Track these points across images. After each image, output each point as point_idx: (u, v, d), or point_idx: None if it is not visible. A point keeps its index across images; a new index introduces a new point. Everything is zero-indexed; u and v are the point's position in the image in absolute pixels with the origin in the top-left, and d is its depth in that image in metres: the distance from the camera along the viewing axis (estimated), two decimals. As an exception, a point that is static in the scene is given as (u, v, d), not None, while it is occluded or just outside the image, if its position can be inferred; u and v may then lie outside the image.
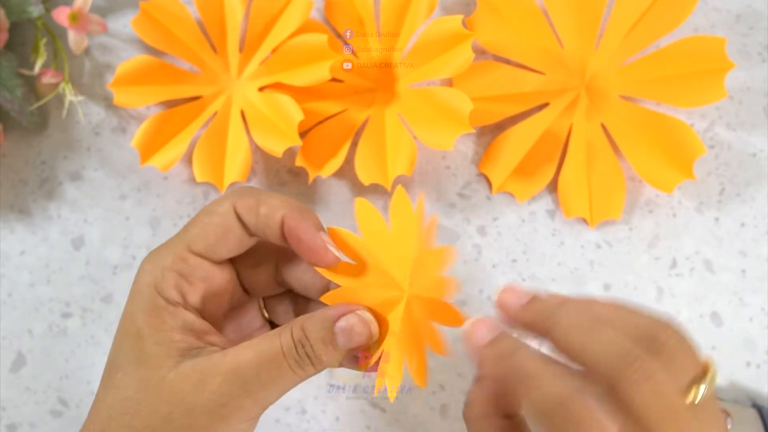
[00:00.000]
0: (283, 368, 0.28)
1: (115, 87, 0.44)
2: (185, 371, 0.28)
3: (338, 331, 0.28)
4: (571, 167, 0.44)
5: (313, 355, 0.28)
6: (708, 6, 0.45)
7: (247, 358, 0.28)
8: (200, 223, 0.30)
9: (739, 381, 0.43)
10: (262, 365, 0.28)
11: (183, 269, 0.29)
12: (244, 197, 0.30)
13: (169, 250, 0.30)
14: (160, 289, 0.29)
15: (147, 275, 0.29)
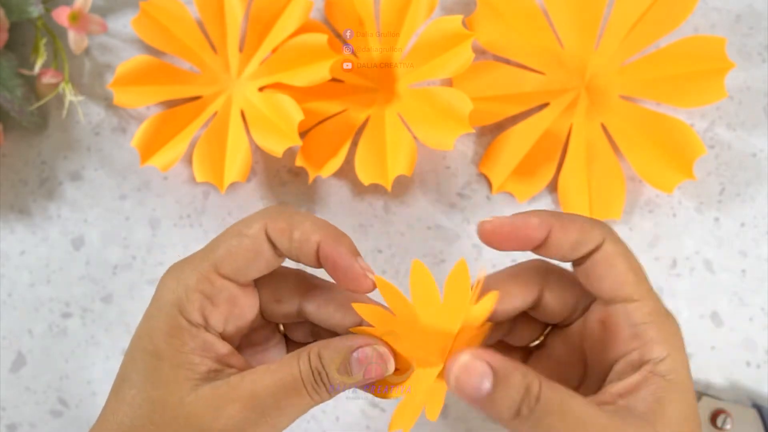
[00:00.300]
0: (302, 394, 0.28)
1: (115, 87, 0.44)
2: (203, 395, 0.27)
3: (354, 362, 0.28)
4: (571, 167, 0.44)
5: (328, 383, 0.28)
6: (708, 6, 0.45)
7: (265, 384, 0.27)
8: (229, 244, 0.29)
9: (739, 381, 0.43)
10: (280, 391, 0.27)
11: (208, 290, 0.29)
12: (277, 219, 0.29)
13: (194, 269, 0.29)
14: (183, 310, 0.28)
15: (170, 293, 0.29)
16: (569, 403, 0.26)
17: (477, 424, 0.43)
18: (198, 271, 0.29)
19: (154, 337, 0.28)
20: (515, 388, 0.26)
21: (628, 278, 0.28)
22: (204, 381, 0.28)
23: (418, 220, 0.45)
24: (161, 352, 0.28)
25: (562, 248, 0.28)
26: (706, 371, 0.43)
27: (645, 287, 0.28)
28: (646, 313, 0.28)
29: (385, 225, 0.45)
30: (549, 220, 0.28)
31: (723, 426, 0.40)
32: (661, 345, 0.27)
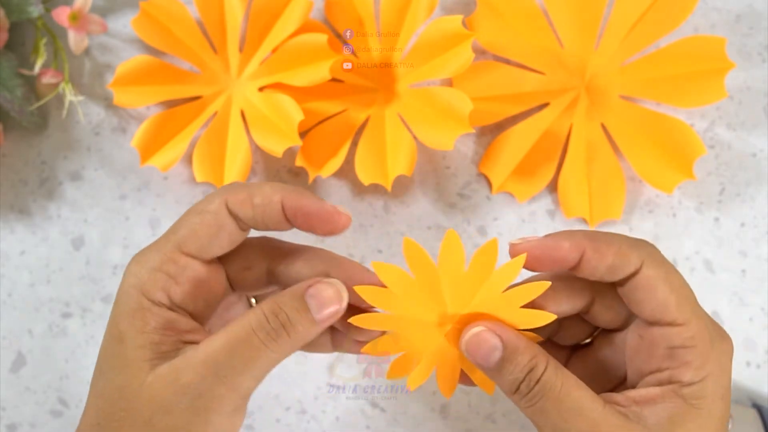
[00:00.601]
0: (255, 345, 0.27)
1: (115, 87, 0.44)
2: (162, 372, 0.27)
3: (308, 297, 0.28)
4: (571, 167, 0.44)
5: (288, 323, 0.28)
6: (708, 6, 0.45)
7: (217, 345, 0.27)
8: (190, 222, 0.29)
9: (739, 381, 0.43)
10: (233, 349, 0.27)
11: (171, 270, 0.29)
12: (236, 192, 0.29)
13: (157, 251, 0.29)
14: (145, 291, 0.28)
15: (132, 277, 0.29)
16: (571, 392, 0.27)
17: (477, 424, 0.43)
18: (161, 253, 0.29)
19: (119, 322, 0.28)
20: (520, 366, 0.27)
21: (669, 303, 0.27)
22: (163, 359, 0.27)
23: (418, 220, 0.45)
24: (124, 334, 0.28)
25: (597, 271, 0.28)
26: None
27: (689, 309, 0.28)
28: (687, 338, 0.27)
29: (385, 225, 0.45)
30: (582, 242, 0.28)
31: (723, 426, 0.40)
32: (695, 371, 0.27)
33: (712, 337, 0.28)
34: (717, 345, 0.28)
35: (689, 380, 0.27)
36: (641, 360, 0.29)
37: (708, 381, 0.27)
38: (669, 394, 0.27)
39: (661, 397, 0.27)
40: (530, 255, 0.29)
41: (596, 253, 0.28)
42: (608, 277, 0.28)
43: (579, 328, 0.32)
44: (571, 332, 0.32)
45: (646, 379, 0.29)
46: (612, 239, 0.28)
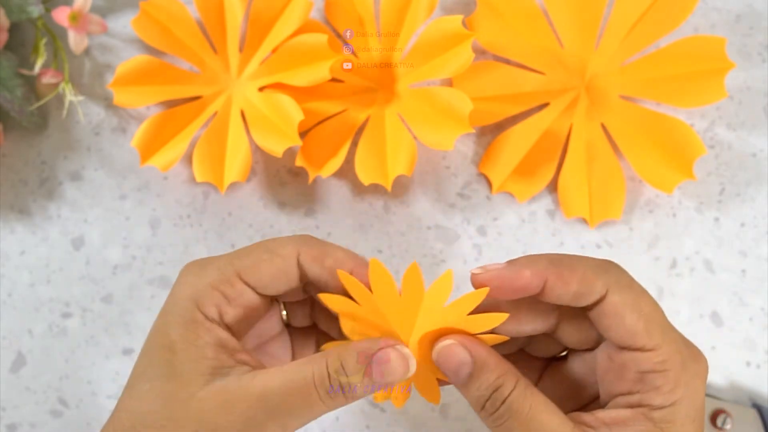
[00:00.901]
0: (312, 399, 0.28)
1: (115, 87, 0.44)
2: (214, 391, 0.27)
3: (375, 364, 0.28)
4: (571, 167, 0.44)
5: (348, 387, 0.28)
6: (708, 6, 0.45)
7: (275, 385, 0.27)
8: (258, 257, 0.30)
9: (739, 381, 0.43)
10: (290, 394, 0.27)
11: (227, 291, 0.29)
12: (311, 247, 0.30)
13: (215, 268, 0.29)
14: (199, 304, 0.29)
15: (188, 288, 0.29)
16: (538, 416, 0.27)
17: (477, 424, 0.43)
18: (221, 272, 0.29)
19: (170, 330, 0.28)
20: (486, 383, 0.28)
21: (637, 329, 0.27)
22: (216, 376, 0.28)
23: (418, 220, 0.45)
24: (175, 345, 0.28)
25: (562, 298, 0.28)
26: (706, 371, 0.43)
27: (658, 334, 0.27)
28: (657, 363, 0.27)
29: (385, 225, 0.45)
30: (544, 270, 0.28)
31: (723, 426, 0.40)
32: (665, 395, 0.27)
33: (684, 359, 0.27)
34: (689, 367, 0.27)
35: (659, 404, 0.27)
36: (611, 381, 0.29)
37: (679, 405, 0.27)
38: (639, 417, 0.27)
39: (632, 420, 0.27)
40: (490, 285, 0.28)
41: (559, 281, 0.28)
42: (574, 303, 0.28)
43: (551, 343, 0.32)
44: (544, 346, 0.32)
45: (617, 401, 0.28)
46: (576, 265, 0.28)
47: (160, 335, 0.29)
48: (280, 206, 0.45)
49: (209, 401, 0.27)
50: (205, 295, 0.29)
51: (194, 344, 0.28)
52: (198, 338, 0.28)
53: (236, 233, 0.45)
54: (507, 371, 0.28)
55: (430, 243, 0.45)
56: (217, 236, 0.45)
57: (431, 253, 0.44)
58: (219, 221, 0.45)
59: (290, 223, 0.45)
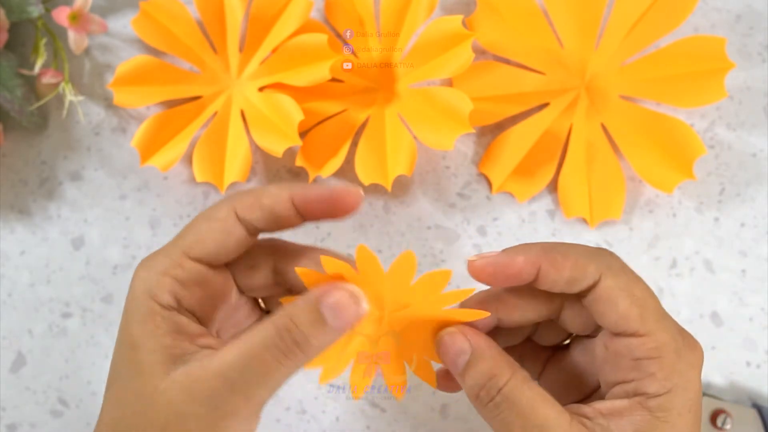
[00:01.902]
0: (268, 362, 0.27)
1: (115, 87, 0.44)
2: (177, 378, 0.27)
3: (325, 309, 0.27)
4: (571, 167, 0.44)
5: (303, 340, 0.27)
6: (708, 6, 0.45)
7: (231, 358, 0.27)
8: (198, 229, 0.29)
9: (739, 381, 0.43)
10: (246, 364, 0.27)
11: (179, 274, 0.29)
12: (243, 198, 0.30)
13: (165, 256, 0.29)
14: (153, 295, 0.28)
15: (141, 282, 0.29)
16: (536, 407, 0.27)
17: (477, 424, 0.43)
18: (169, 257, 0.29)
19: (131, 327, 0.28)
20: (480, 372, 0.27)
21: (630, 314, 0.27)
22: (177, 364, 0.27)
23: (418, 220, 0.45)
24: (136, 340, 0.28)
25: (557, 284, 0.28)
26: (706, 371, 0.43)
27: (652, 320, 0.27)
28: (651, 348, 0.27)
29: (385, 225, 0.45)
30: (537, 257, 0.28)
31: (723, 426, 0.40)
32: (660, 382, 0.27)
33: (679, 347, 0.27)
34: (684, 356, 0.27)
35: (654, 392, 0.27)
36: (608, 370, 0.29)
37: (674, 393, 0.27)
38: (636, 407, 0.27)
39: (628, 410, 0.27)
40: (485, 272, 0.28)
41: (552, 267, 0.28)
42: (568, 289, 0.28)
43: (556, 330, 0.32)
44: (549, 333, 0.32)
45: (614, 390, 0.28)
46: (568, 251, 0.28)
47: (123, 334, 0.29)
48: (280, 206, 0.45)
49: (172, 390, 0.27)
50: (157, 285, 0.29)
51: (153, 335, 0.28)
52: (157, 328, 0.28)
53: (236, 233, 0.45)
54: (504, 362, 0.28)
55: (430, 243, 0.45)
56: (217, 236, 0.45)
57: (431, 253, 0.44)
58: (219, 221, 0.45)
59: (290, 223, 0.45)
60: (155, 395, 0.27)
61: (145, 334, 0.28)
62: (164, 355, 0.28)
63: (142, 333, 0.28)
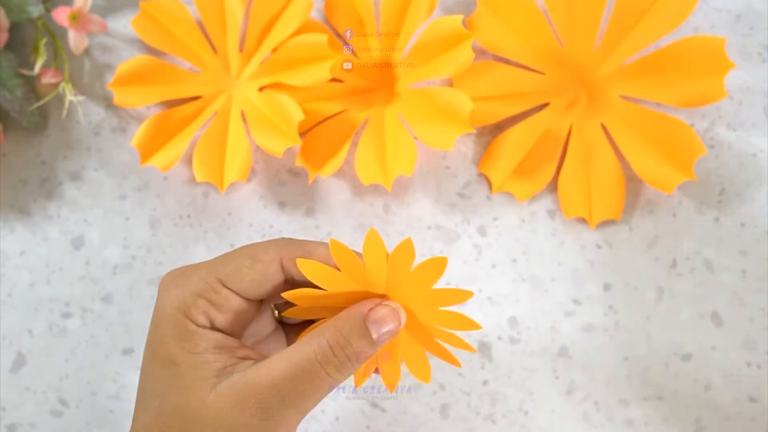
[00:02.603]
0: (320, 376, 0.28)
1: (115, 87, 0.44)
2: (224, 392, 0.28)
3: (370, 324, 0.29)
4: (571, 167, 0.44)
5: (353, 354, 0.28)
6: (708, 6, 0.45)
7: (280, 371, 0.28)
8: (241, 263, 0.30)
9: (739, 381, 0.43)
10: (297, 377, 0.28)
11: (213, 299, 0.30)
12: (293, 249, 0.30)
13: (198, 277, 0.30)
14: (188, 314, 0.29)
15: (173, 299, 0.29)
16: None
17: (477, 424, 0.43)
18: (204, 281, 0.30)
19: (166, 343, 0.29)
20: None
21: None
22: (222, 378, 0.28)
23: (418, 220, 0.45)
24: (175, 356, 0.28)
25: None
26: (706, 371, 0.43)
27: None
28: None
29: (385, 225, 0.45)
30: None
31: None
32: None
33: None
34: None
35: None
36: None
37: None
38: None
39: None
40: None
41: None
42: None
43: None
44: None
45: None
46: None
47: (158, 349, 0.29)
48: (280, 206, 0.45)
49: (221, 403, 0.27)
50: (191, 305, 0.29)
51: (194, 353, 0.28)
52: (196, 346, 0.29)
53: (236, 233, 0.45)
54: None
55: (430, 243, 0.45)
56: (217, 236, 0.45)
57: (431, 253, 0.44)
58: (219, 221, 0.45)
59: (290, 223, 0.45)
60: (203, 409, 0.27)
61: (186, 351, 0.28)
62: (208, 370, 0.28)
63: (182, 350, 0.28)
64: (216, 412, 0.27)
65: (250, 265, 0.30)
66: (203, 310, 0.29)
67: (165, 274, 0.31)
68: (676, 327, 0.43)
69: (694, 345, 0.43)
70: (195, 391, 0.28)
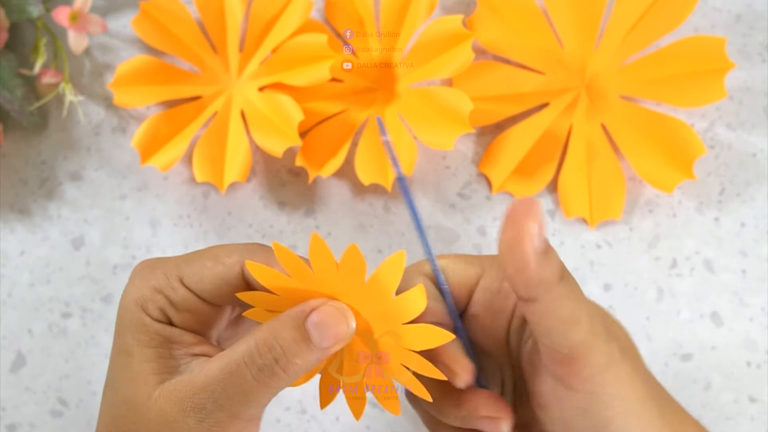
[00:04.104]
0: (248, 380, 0.26)
1: (115, 87, 0.44)
2: (168, 388, 0.27)
3: (311, 326, 0.26)
4: (571, 167, 0.44)
5: (284, 359, 0.26)
6: (708, 6, 0.45)
7: (213, 373, 0.26)
8: (202, 264, 0.29)
9: (739, 381, 0.43)
10: (226, 380, 0.26)
11: (172, 296, 0.29)
12: (257, 254, 0.29)
13: (162, 272, 0.29)
14: (145, 307, 0.28)
15: (135, 291, 0.29)
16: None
17: (477, 424, 0.43)
18: (165, 277, 0.29)
19: (125, 335, 0.28)
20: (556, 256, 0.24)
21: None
22: (172, 374, 0.28)
23: (418, 220, 0.45)
24: (130, 347, 0.28)
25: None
26: (706, 371, 0.43)
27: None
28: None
29: (385, 225, 0.45)
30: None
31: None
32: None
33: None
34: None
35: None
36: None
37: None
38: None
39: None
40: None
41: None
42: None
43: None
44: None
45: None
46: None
47: (117, 339, 0.29)
48: (280, 206, 0.45)
49: (165, 399, 0.27)
50: (149, 299, 0.28)
51: (147, 346, 0.28)
52: (151, 340, 0.28)
53: (236, 233, 0.45)
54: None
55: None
56: (217, 236, 0.45)
57: (431, 253, 0.44)
58: (219, 221, 0.45)
59: (290, 223, 0.45)
60: (148, 403, 0.27)
61: (140, 343, 0.28)
62: (158, 364, 0.28)
63: (137, 342, 0.28)
64: (159, 409, 0.27)
65: (212, 267, 0.28)
66: (159, 305, 0.29)
67: (137, 263, 0.30)
68: (676, 327, 0.43)
69: (694, 345, 0.43)
70: (142, 385, 0.27)
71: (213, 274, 0.29)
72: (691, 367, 0.43)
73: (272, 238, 0.45)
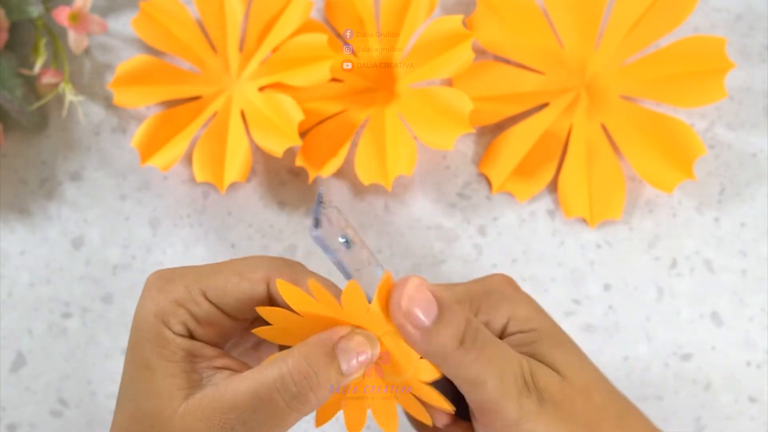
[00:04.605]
0: (279, 407, 0.26)
1: (115, 87, 0.44)
2: (194, 405, 0.27)
3: (340, 353, 0.27)
4: (571, 167, 0.44)
5: (316, 384, 0.27)
6: (708, 6, 0.45)
7: (242, 392, 0.26)
8: (226, 279, 0.29)
9: (739, 381, 0.43)
10: (255, 406, 0.26)
11: (194, 310, 0.29)
12: (283, 270, 0.29)
13: (182, 285, 0.29)
14: (166, 321, 0.28)
15: (153, 303, 0.28)
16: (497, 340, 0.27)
17: (477, 424, 0.43)
18: (187, 290, 0.29)
19: (143, 348, 0.28)
20: (458, 318, 0.26)
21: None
22: (195, 389, 0.27)
23: (418, 220, 0.45)
24: (152, 363, 0.28)
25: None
26: (706, 371, 0.43)
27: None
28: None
29: (385, 225, 0.45)
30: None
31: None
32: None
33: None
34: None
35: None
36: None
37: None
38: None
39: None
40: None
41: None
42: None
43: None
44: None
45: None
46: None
47: (136, 353, 0.28)
48: (280, 206, 0.45)
49: (190, 416, 0.27)
50: (171, 313, 0.28)
51: (170, 360, 0.28)
52: (173, 354, 0.28)
53: (236, 233, 0.45)
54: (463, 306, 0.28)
55: (430, 243, 0.45)
56: (217, 236, 0.45)
57: (431, 253, 0.44)
58: (219, 221, 0.45)
59: (290, 223, 0.45)
60: (174, 419, 0.27)
61: (161, 357, 0.28)
62: (182, 379, 0.27)
63: (158, 356, 0.28)
64: (185, 425, 0.27)
65: (237, 283, 0.28)
66: (182, 320, 0.28)
67: (151, 274, 0.30)
68: (676, 327, 0.43)
69: (694, 345, 0.43)
70: (167, 399, 0.27)
71: (238, 290, 0.29)
72: (691, 367, 0.43)
73: (272, 238, 0.45)
